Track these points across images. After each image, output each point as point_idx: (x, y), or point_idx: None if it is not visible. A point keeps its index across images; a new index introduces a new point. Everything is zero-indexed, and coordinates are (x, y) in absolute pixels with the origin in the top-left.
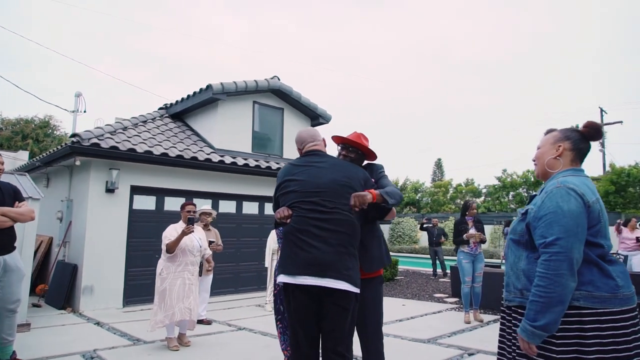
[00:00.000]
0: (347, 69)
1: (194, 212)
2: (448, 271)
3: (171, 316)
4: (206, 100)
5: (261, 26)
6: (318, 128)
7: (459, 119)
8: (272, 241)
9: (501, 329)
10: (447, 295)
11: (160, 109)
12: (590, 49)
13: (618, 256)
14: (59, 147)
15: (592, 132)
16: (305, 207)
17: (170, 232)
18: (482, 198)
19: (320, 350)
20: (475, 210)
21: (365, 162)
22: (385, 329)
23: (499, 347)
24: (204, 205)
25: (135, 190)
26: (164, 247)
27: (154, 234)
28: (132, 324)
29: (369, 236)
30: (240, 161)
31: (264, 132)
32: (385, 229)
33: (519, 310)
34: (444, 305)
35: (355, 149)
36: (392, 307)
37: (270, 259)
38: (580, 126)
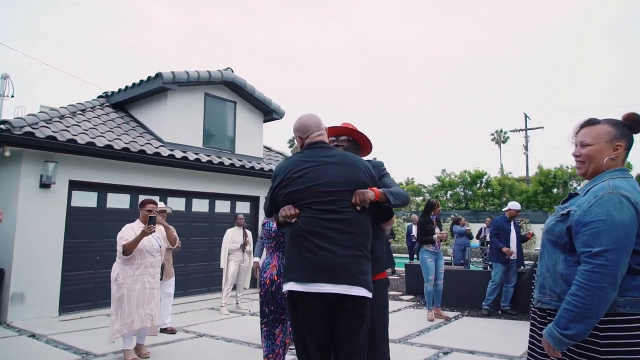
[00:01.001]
0: (283, 68)
1: (156, 210)
2: (397, 268)
3: (130, 324)
4: (154, 89)
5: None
6: (270, 124)
7: (396, 119)
8: (229, 240)
9: (532, 330)
10: (401, 293)
11: (100, 97)
12: (514, 58)
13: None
14: None
15: (637, 126)
16: (316, 208)
17: (127, 232)
18: (421, 197)
19: None
20: (439, 209)
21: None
22: None
23: (530, 349)
24: (160, 203)
25: (75, 185)
26: (119, 249)
27: (95, 233)
28: (74, 335)
29: (374, 237)
30: (192, 156)
31: (216, 126)
32: None
33: (555, 314)
34: (402, 303)
35: (347, 137)
36: None
37: (226, 260)
38: (621, 119)
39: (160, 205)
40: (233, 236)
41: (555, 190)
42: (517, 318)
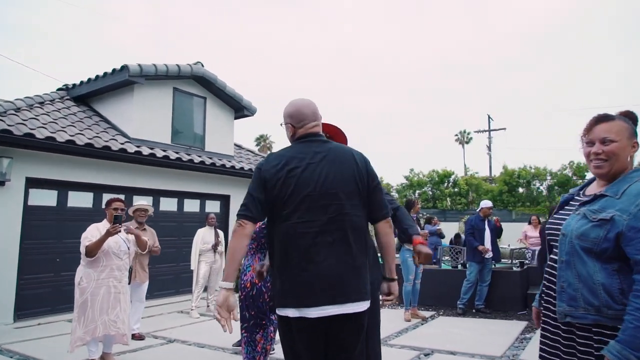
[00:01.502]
0: (252, 64)
1: (122, 209)
2: None
3: (92, 331)
4: (120, 82)
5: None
6: (241, 121)
7: (364, 118)
8: (200, 241)
9: (551, 346)
10: None
11: (60, 89)
12: (481, 65)
13: (528, 252)
14: None
15: (635, 123)
16: (313, 212)
17: (92, 233)
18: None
19: None
20: (419, 207)
21: None
22: None
23: None
24: (140, 200)
25: (32, 183)
26: (83, 250)
27: (55, 234)
28: (31, 343)
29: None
30: (159, 153)
31: (185, 122)
32: None
33: (593, 329)
34: None
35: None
36: None
37: (197, 261)
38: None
39: (141, 203)
40: (204, 236)
41: (520, 189)
42: (491, 317)
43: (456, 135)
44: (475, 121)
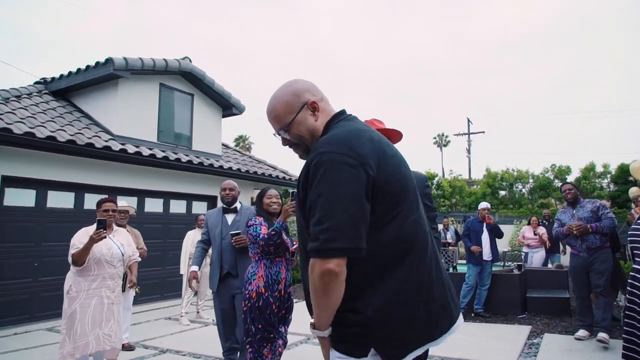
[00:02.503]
0: (234, 63)
1: (114, 210)
2: None
3: (83, 347)
4: (104, 77)
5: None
6: (230, 119)
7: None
8: (190, 244)
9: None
10: None
11: (37, 83)
12: (458, 67)
13: (521, 254)
14: None
15: None
16: (418, 214)
17: (80, 238)
18: None
19: None
20: None
21: None
22: None
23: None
24: (121, 201)
25: (8, 182)
26: (70, 259)
27: (32, 236)
28: (8, 356)
29: None
30: (145, 151)
31: (172, 119)
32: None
33: None
34: None
35: None
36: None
37: (187, 265)
38: None
39: (122, 204)
40: (194, 239)
41: (502, 192)
42: (491, 321)
43: (434, 138)
44: (452, 125)
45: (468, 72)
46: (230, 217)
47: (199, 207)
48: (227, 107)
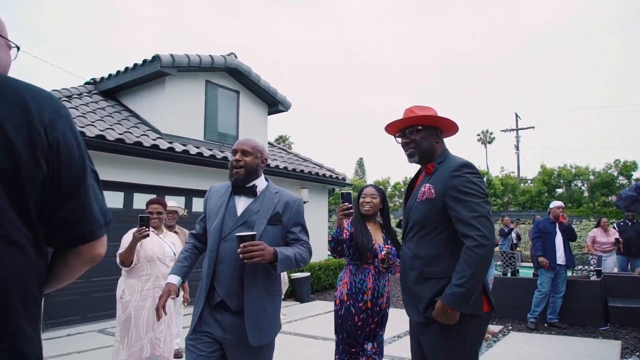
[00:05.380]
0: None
1: (159, 212)
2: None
3: (138, 352)
4: (151, 74)
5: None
6: (276, 116)
7: (384, 119)
8: None
9: None
10: None
11: (88, 83)
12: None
13: (592, 258)
14: None
15: None
16: None
17: (127, 238)
18: None
19: None
20: None
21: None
22: None
23: None
24: (170, 201)
25: None
26: (118, 260)
27: None
28: None
29: None
30: (193, 149)
31: (218, 117)
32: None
33: None
34: None
35: (415, 127)
36: None
37: None
38: None
39: (171, 204)
40: None
41: (559, 190)
42: (568, 333)
43: (478, 135)
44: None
45: (509, 65)
46: (242, 203)
47: None
48: (273, 104)
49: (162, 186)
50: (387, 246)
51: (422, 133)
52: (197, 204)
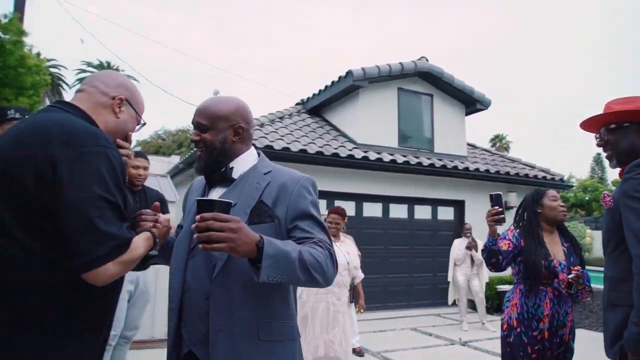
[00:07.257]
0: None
1: (337, 223)
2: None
3: (314, 350)
4: (346, 89)
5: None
6: (474, 116)
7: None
8: (456, 252)
9: None
10: None
11: (297, 104)
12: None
13: None
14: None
15: None
16: None
17: None
18: None
19: None
20: None
21: None
22: None
23: None
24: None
25: None
26: None
27: None
28: None
29: None
30: (386, 157)
31: (412, 123)
32: None
33: None
34: None
35: (608, 126)
36: None
37: (453, 271)
38: None
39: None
40: (460, 247)
41: None
42: None
43: None
44: None
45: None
46: (215, 196)
47: (445, 213)
48: (470, 103)
49: (359, 193)
50: (575, 269)
51: (619, 132)
52: (394, 211)
